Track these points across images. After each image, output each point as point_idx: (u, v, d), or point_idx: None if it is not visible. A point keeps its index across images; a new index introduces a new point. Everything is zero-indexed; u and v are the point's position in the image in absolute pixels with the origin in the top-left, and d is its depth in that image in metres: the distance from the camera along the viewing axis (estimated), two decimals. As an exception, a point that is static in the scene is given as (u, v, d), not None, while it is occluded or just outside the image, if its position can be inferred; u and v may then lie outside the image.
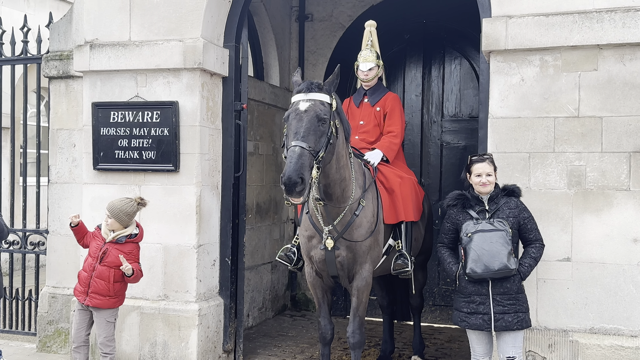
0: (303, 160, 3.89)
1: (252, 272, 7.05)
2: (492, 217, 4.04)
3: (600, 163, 4.49)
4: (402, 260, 4.87)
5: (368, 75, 5.44)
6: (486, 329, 4.00)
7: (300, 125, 4.02)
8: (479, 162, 4.12)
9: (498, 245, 3.93)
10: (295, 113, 4.10)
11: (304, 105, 4.11)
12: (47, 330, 6.08)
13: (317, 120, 4.07)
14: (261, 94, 7.25)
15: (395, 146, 5.36)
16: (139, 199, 4.78)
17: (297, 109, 4.12)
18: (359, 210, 4.53)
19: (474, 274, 3.96)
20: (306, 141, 3.96)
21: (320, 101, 4.16)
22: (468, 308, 4.05)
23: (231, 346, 5.75)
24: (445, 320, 7.37)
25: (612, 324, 4.47)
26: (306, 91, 4.17)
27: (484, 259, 3.92)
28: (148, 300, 5.51)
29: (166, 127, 5.42)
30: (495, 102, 4.70)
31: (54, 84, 6.14)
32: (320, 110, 4.11)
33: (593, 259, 4.50)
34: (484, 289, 4.00)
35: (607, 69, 4.48)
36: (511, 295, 3.99)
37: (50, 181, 6.13)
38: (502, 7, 4.67)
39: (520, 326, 4.00)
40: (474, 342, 4.15)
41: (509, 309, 3.97)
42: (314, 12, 7.97)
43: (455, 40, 7.44)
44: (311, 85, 4.20)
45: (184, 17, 5.42)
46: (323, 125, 4.10)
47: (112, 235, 4.70)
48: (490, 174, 4.09)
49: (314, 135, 4.02)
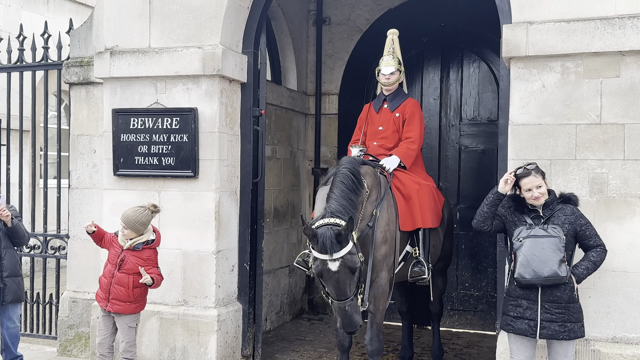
0: (352, 313, 4.09)
1: (269, 276, 7.07)
2: (546, 223, 3.99)
3: (623, 170, 4.44)
4: (419, 268, 4.86)
5: (390, 79, 5.41)
6: (531, 335, 3.94)
7: (340, 287, 4.06)
8: (526, 176, 4.03)
9: (549, 251, 3.87)
10: (329, 274, 4.05)
11: (333, 265, 4.02)
12: (67, 334, 6.14)
13: (352, 273, 4.08)
14: (279, 98, 7.26)
15: (413, 152, 5.32)
16: (152, 206, 4.77)
17: (328, 270, 4.03)
18: (373, 222, 4.52)
19: (523, 280, 3.91)
20: (350, 294, 4.07)
21: (348, 253, 4.05)
22: (515, 312, 4.00)
23: (249, 351, 5.77)
24: (463, 325, 7.34)
25: (635, 333, 4.42)
26: (330, 252, 4.00)
27: (533, 265, 3.88)
28: (167, 306, 5.54)
29: (185, 133, 5.45)
30: (516, 108, 4.67)
31: (75, 90, 6.19)
32: (352, 263, 4.06)
33: (615, 268, 4.45)
34: (532, 294, 3.95)
35: (629, 76, 4.43)
36: (561, 304, 3.92)
37: (71, 186, 6.19)
38: (523, 13, 4.63)
39: (568, 337, 3.92)
40: (514, 350, 4.07)
41: (556, 318, 3.91)
42: (332, 16, 7.96)
43: (473, 44, 7.39)
44: (332, 245, 3.99)
45: (203, 24, 5.44)
46: (356, 270, 4.10)
47: (129, 243, 4.73)
48: (541, 185, 4.01)
49: (353, 284, 4.11)
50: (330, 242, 3.99)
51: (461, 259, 7.41)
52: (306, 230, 4.04)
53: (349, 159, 4.70)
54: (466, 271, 7.42)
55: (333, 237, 3.99)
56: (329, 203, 4.28)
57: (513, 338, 4.07)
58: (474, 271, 7.39)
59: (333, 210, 4.18)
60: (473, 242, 7.35)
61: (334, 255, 4.00)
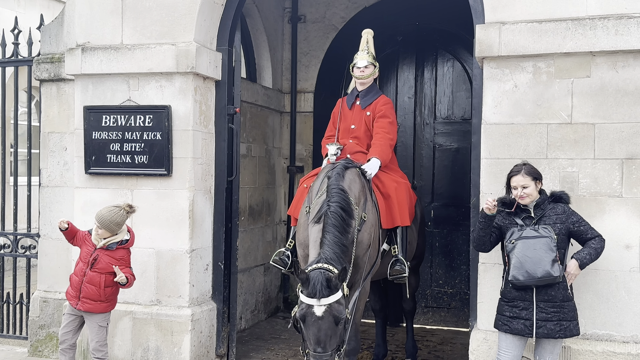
0: None
1: (244, 275, 7.04)
2: (537, 223, 4.02)
3: (593, 170, 4.50)
4: (400, 266, 4.88)
5: (364, 72, 5.33)
6: (527, 334, 3.97)
7: (321, 335, 3.87)
8: (515, 174, 4.08)
9: (541, 252, 3.90)
10: (312, 319, 3.88)
11: (319, 310, 3.88)
12: (38, 334, 6.05)
13: (336, 324, 3.92)
14: (254, 96, 7.23)
15: (388, 150, 5.25)
16: (127, 206, 4.72)
17: (312, 313, 3.88)
18: (362, 225, 4.52)
19: (517, 282, 3.94)
20: (329, 348, 3.89)
21: (336, 302, 3.91)
22: (510, 312, 4.02)
23: (224, 350, 5.74)
24: (437, 322, 7.40)
25: (605, 330, 4.49)
26: (319, 297, 3.88)
27: (526, 266, 3.90)
28: (140, 305, 5.49)
29: (159, 131, 5.40)
30: (489, 108, 4.71)
31: (45, 86, 6.10)
32: (338, 313, 3.91)
33: (585, 265, 4.52)
34: (527, 295, 3.97)
35: (599, 76, 4.49)
36: (555, 303, 3.95)
37: (42, 185, 6.10)
38: (496, 14, 4.67)
39: (564, 335, 3.97)
40: (503, 348, 4.08)
41: (552, 317, 3.94)
42: (307, 14, 7.95)
43: (447, 43, 7.45)
44: (322, 290, 3.89)
45: (177, 20, 5.39)
46: (341, 322, 3.96)
47: (103, 242, 4.68)
48: (527, 185, 4.03)
49: (335, 338, 3.93)
50: (321, 286, 3.90)
51: (435, 256, 7.47)
52: (301, 274, 3.94)
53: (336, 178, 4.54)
54: (440, 269, 7.47)
55: (324, 281, 3.90)
56: (322, 249, 4.17)
57: (503, 336, 4.09)
58: (447, 269, 7.45)
59: (327, 258, 4.08)
60: (447, 240, 7.42)
61: (322, 300, 3.87)
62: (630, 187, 4.44)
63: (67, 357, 4.80)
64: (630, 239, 4.43)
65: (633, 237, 4.43)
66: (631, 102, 4.43)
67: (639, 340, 4.43)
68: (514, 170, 4.12)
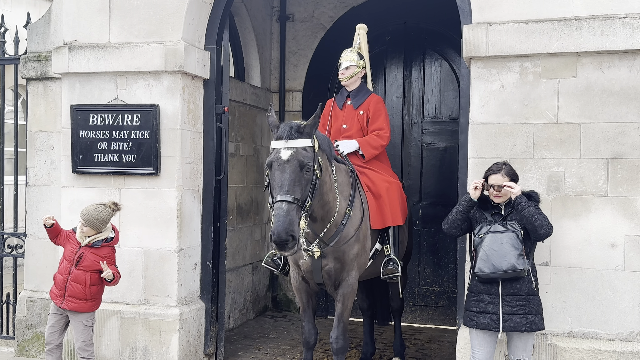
0: (291, 216, 3.81)
1: (233, 274, 7.04)
2: (505, 219, 4.09)
3: (579, 169, 4.55)
4: (393, 266, 4.90)
5: (344, 74, 5.38)
6: (494, 328, 4.01)
7: (285, 178, 3.91)
8: (495, 172, 4.14)
9: (507, 246, 3.96)
10: (278, 163, 3.97)
11: (285, 153, 3.97)
12: (25, 334, 6.01)
13: (300, 169, 3.95)
14: (242, 95, 7.23)
15: (377, 144, 5.26)
16: (112, 204, 4.72)
17: (279, 157, 3.98)
18: (346, 220, 4.53)
19: (482, 274, 3.99)
20: (292, 194, 3.87)
21: (302, 147, 4.01)
22: (477, 307, 4.07)
23: (212, 350, 5.74)
24: (425, 321, 7.43)
25: (590, 327, 4.54)
26: (286, 138, 4.01)
27: (492, 259, 3.96)
28: (128, 305, 5.47)
29: (147, 130, 5.38)
30: (476, 107, 4.74)
31: (32, 85, 6.06)
32: (304, 158, 3.98)
33: (571, 264, 4.56)
34: (493, 289, 4.02)
35: (585, 76, 4.53)
36: (521, 296, 4.01)
37: (29, 184, 6.06)
38: (483, 14, 4.70)
39: (530, 328, 4.01)
40: (476, 346, 4.13)
41: (517, 310, 3.99)
42: (295, 13, 7.95)
43: (435, 42, 7.48)
44: (291, 131, 4.03)
45: (165, 19, 5.38)
46: (307, 172, 3.99)
47: (88, 240, 4.67)
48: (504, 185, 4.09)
49: (299, 186, 3.93)
50: (290, 129, 4.02)
51: (423, 255, 7.50)
52: (270, 117, 4.09)
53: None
54: (428, 267, 7.51)
55: (295, 127, 4.04)
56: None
57: (475, 334, 4.14)
58: (435, 267, 7.49)
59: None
60: (435, 239, 7.45)
61: (289, 142, 3.99)
62: (615, 187, 4.48)
63: (54, 358, 4.78)
64: (615, 237, 4.48)
65: (618, 235, 4.47)
66: (616, 102, 4.47)
67: (624, 338, 4.48)
68: (494, 169, 4.17)
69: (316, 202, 4.17)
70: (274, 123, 4.15)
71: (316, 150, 4.13)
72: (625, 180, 4.46)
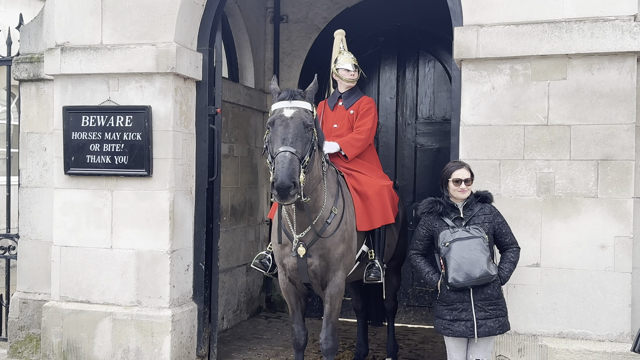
0: (294, 165, 3.97)
1: (226, 275, 7.04)
2: (467, 224, 4.06)
3: (569, 170, 4.56)
4: (375, 273, 4.91)
5: (354, 75, 5.45)
6: (469, 335, 4.01)
7: (288, 132, 4.10)
8: (459, 168, 4.14)
9: (477, 252, 3.94)
10: (281, 119, 4.16)
11: (289, 112, 4.18)
12: (18, 335, 6.01)
13: (303, 126, 4.15)
14: (236, 96, 7.23)
15: (357, 142, 5.26)
16: None
17: (282, 115, 4.18)
18: (331, 219, 4.55)
19: (457, 283, 3.95)
20: (294, 147, 4.04)
21: (304, 109, 4.24)
22: (450, 315, 4.04)
23: (205, 351, 5.74)
24: (419, 321, 7.45)
25: (580, 328, 4.56)
26: (290, 99, 4.24)
27: (464, 268, 3.93)
28: (120, 306, 5.47)
29: (139, 131, 5.39)
30: (467, 109, 4.75)
31: (25, 86, 6.06)
32: (306, 117, 4.21)
33: (561, 265, 4.58)
34: (465, 296, 4.00)
35: (575, 78, 4.55)
36: (492, 300, 4.01)
37: (21, 185, 6.06)
38: (474, 16, 4.71)
39: (502, 330, 4.04)
40: (452, 350, 4.14)
41: (490, 314, 4.00)
42: (289, 14, 7.96)
43: (429, 43, 7.49)
44: (294, 93, 4.27)
45: (157, 21, 5.38)
46: (308, 132, 4.19)
47: None
48: (469, 180, 4.12)
49: (301, 142, 4.11)
50: (293, 92, 4.24)
51: (417, 256, 7.49)
52: (272, 85, 4.36)
53: None
54: (422, 268, 7.50)
55: (297, 91, 4.28)
56: None
57: (450, 340, 4.14)
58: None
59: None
60: (428, 240, 7.44)
61: (293, 102, 4.19)
62: (605, 188, 4.50)
63: None
64: (605, 239, 4.50)
65: (608, 237, 4.50)
66: (606, 104, 4.49)
67: (614, 339, 4.50)
68: (456, 165, 4.16)
69: (312, 164, 4.30)
70: (276, 89, 4.38)
71: (314, 117, 4.34)
72: (615, 182, 4.48)
